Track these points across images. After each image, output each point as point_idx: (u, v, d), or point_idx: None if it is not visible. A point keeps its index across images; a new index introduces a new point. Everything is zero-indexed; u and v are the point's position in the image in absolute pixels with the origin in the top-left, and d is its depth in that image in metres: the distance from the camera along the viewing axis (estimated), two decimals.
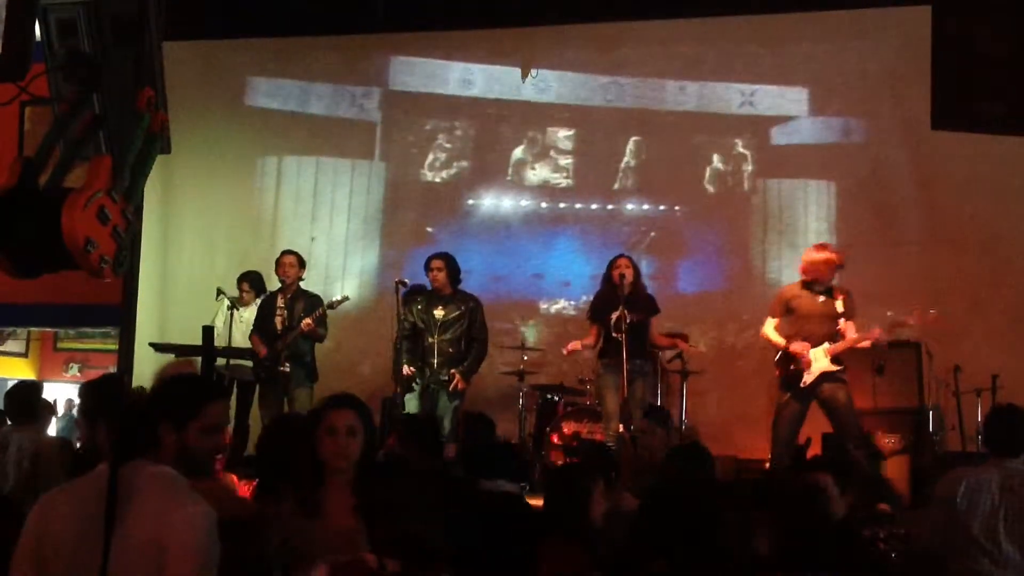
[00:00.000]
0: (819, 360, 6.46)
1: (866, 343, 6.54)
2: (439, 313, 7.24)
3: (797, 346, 6.51)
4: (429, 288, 7.40)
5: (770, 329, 6.75)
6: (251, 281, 8.37)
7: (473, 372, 7.32)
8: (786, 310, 6.73)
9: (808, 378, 6.46)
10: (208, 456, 2.68)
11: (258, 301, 8.23)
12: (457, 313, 7.25)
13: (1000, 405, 4.85)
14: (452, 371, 7.14)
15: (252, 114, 9.89)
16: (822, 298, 6.61)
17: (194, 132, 9.34)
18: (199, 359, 6.71)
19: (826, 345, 6.48)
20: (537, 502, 5.00)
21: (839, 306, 6.55)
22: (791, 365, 6.56)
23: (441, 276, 7.28)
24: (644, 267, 8.14)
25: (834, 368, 6.46)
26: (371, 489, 2.43)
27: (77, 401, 9.27)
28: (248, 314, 8.22)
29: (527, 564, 3.64)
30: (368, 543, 2.36)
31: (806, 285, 6.66)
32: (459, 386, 7.13)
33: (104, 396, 3.09)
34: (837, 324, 6.54)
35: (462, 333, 7.25)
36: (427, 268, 7.36)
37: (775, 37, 9.02)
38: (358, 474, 3.07)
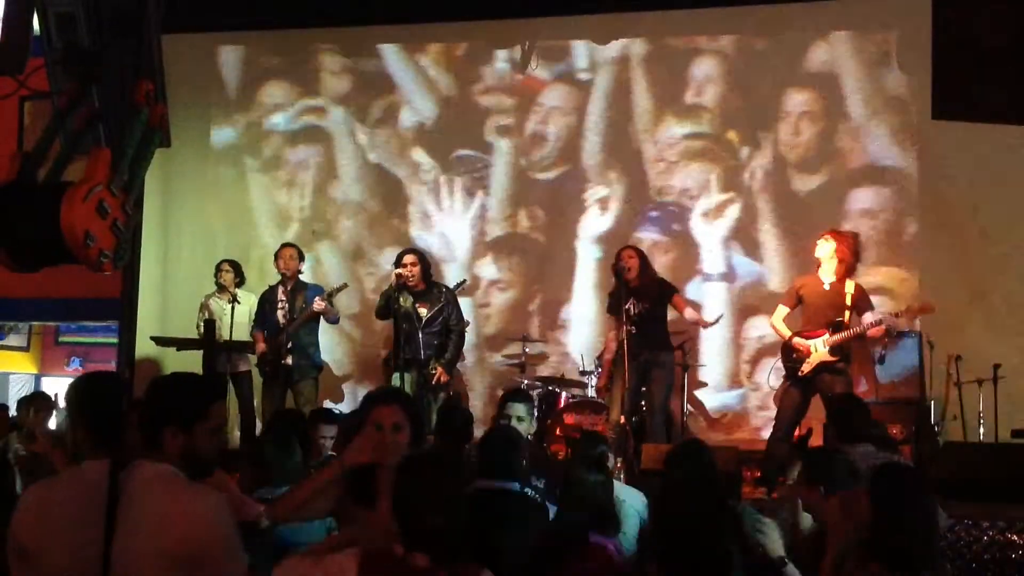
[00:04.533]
0: (818, 350, 6.49)
1: (875, 332, 6.57)
2: (423, 311, 7.29)
3: (798, 341, 6.56)
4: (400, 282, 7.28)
5: (778, 319, 6.86)
6: (230, 261, 8.36)
7: (455, 364, 7.54)
8: (797, 300, 6.81)
9: (806, 368, 6.49)
10: (213, 456, 2.66)
11: (238, 292, 8.21)
12: (438, 308, 7.35)
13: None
14: (435, 365, 7.25)
15: (251, 106, 9.84)
16: (828, 286, 6.64)
17: (194, 125, 9.33)
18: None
19: (826, 336, 6.51)
20: None
21: (848, 298, 6.58)
22: (793, 354, 6.60)
23: (416, 271, 7.29)
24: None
25: (831, 359, 6.49)
26: (396, 482, 2.44)
27: None
28: (244, 305, 8.19)
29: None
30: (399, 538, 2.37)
31: (818, 272, 6.75)
32: (442, 379, 7.27)
33: (86, 394, 3.04)
34: (842, 314, 6.56)
35: (442, 326, 7.36)
36: (398, 264, 7.31)
37: (775, 28, 8.99)
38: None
